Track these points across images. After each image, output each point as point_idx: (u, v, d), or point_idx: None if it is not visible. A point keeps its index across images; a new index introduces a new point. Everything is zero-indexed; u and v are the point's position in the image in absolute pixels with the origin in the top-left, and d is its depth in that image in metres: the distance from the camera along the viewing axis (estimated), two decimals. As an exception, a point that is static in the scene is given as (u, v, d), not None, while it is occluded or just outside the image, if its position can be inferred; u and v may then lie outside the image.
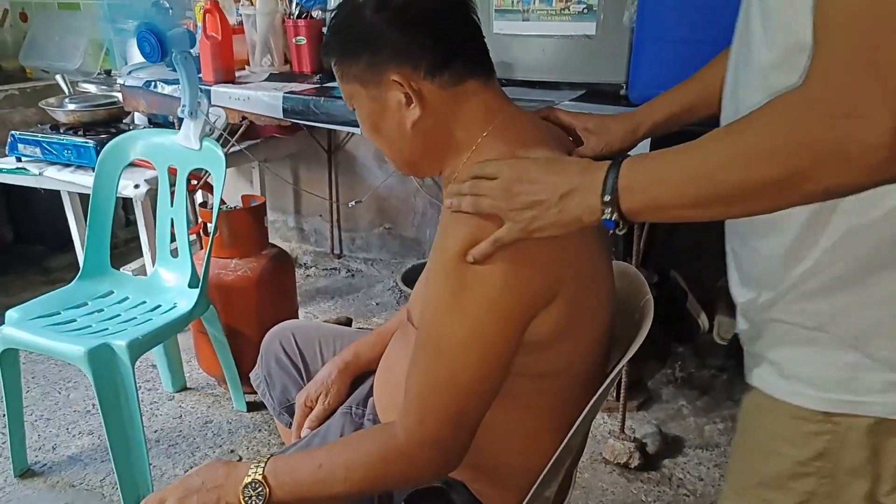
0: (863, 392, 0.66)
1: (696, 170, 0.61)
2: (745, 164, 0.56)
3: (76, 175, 2.11)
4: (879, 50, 0.48)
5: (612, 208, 0.65)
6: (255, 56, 2.18)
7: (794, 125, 0.53)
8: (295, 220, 3.16)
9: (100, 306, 1.77)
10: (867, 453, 0.67)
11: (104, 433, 1.56)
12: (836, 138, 0.50)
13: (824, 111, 0.51)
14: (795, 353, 0.70)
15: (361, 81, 0.85)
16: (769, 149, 0.54)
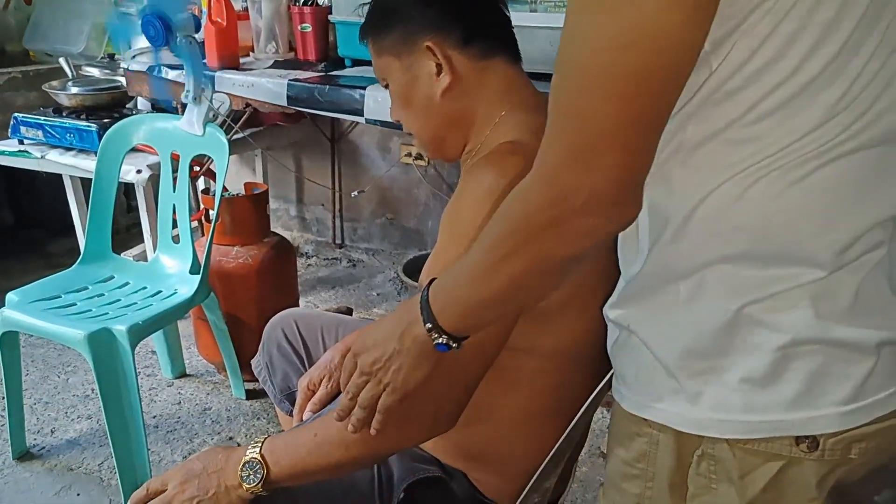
0: (657, 398, 0.65)
1: (474, 268, 0.63)
2: (507, 252, 0.60)
3: (78, 159, 2.10)
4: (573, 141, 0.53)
5: (437, 332, 0.67)
6: (259, 43, 2.17)
7: (526, 210, 0.58)
8: (297, 208, 3.15)
9: (100, 291, 1.77)
10: (675, 458, 0.65)
11: (103, 418, 1.56)
12: (555, 218, 0.55)
13: (546, 197, 0.55)
14: (620, 354, 0.71)
15: (395, 52, 0.89)
16: (510, 233, 0.60)
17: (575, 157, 0.53)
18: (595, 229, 0.56)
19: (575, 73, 0.53)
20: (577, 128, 0.53)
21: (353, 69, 2.00)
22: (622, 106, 0.51)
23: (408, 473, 0.92)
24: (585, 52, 0.52)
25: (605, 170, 0.52)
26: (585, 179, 0.53)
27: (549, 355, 0.86)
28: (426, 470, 0.93)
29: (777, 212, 0.58)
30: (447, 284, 0.67)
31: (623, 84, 0.50)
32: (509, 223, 0.60)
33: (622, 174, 0.53)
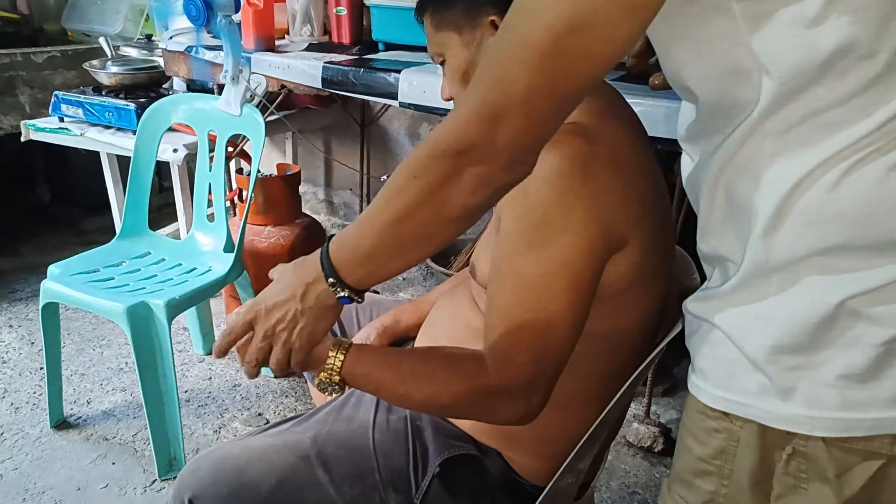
0: (742, 393, 0.63)
1: (377, 216, 0.66)
2: (409, 199, 0.63)
3: (116, 137, 2.14)
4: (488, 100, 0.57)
5: (339, 286, 0.69)
6: (294, 25, 2.19)
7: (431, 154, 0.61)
8: (325, 192, 3.17)
9: (137, 266, 1.80)
10: (758, 456, 0.64)
11: (137, 391, 1.60)
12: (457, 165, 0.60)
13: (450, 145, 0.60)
14: (701, 348, 0.68)
15: (456, 26, 0.88)
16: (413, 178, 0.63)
17: (485, 115, 0.57)
18: (490, 178, 0.60)
19: (512, 38, 0.56)
20: (496, 88, 0.57)
21: (387, 53, 2.01)
22: (539, 80, 0.55)
23: (443, 449, 0.94)
24: (531, 21, 0.55)
25: (508, 132, 0.57)
26: (489, 136, 0.57)
27: (602, 339, 0.86)
28: (461, 447, 0.94)
29: (880, 198, 0.55)
30: (348, 238, 0.69)
31: (546, 61, 0.54)
32: (416, 166, 0.63)
33: (522, 139, 0.58)
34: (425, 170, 0.62)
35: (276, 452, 0.94)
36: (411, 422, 0.96)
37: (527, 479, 0.95)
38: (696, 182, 0.67)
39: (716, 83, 0.60)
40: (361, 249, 0.67)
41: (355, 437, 0.96)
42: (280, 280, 0.75)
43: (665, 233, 0.86)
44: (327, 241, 0.71)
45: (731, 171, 0.61)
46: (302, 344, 0.74)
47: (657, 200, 0.86)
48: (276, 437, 0.97)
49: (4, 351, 2.17)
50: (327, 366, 0.78)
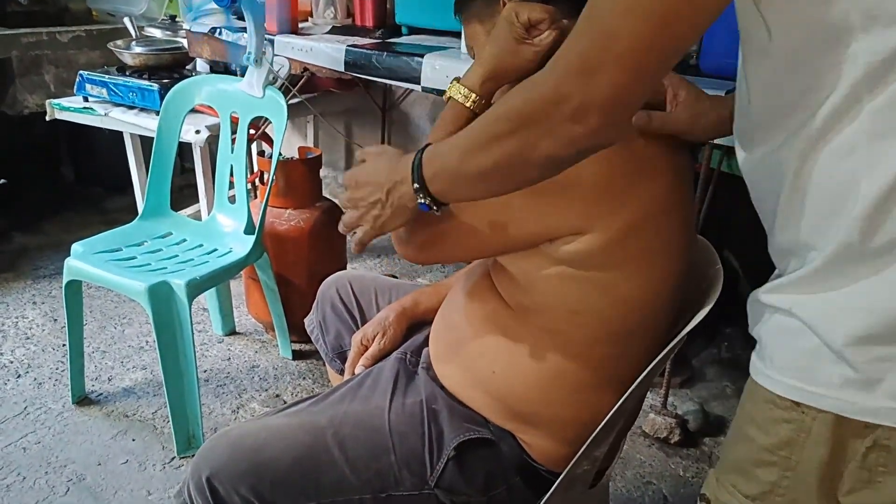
0: (820, 384, 0.62)
1: (466, 141, 0.69)
2: (487, 129, 0.67)
3: (140, 117, 2.15)
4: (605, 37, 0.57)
5: (422, 193, 0.74)
6: (318, 8, 2.18)
7: (525, 94, 0.64)
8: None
9: (159, 246, 1.82)
10: (829, 449, 0.62)
11: (157, 369, 1.62)
12: (546, 110, 0.61)
13: (549, 85, 0.61)
14: (775, 338, 0.66)
15: (479, 18, 0.91)
16: (503, 118, 0.66)
17: (582, 69, 0.58)
18: (578, 138, 0.61)
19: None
20: (595, 42, 0.57)
21: (410, 37, 2.00)
22: (644, 30, 0.55)
23: (458, 432, 0.94)
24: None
25: (605, 86, 0.57)
26: (584, 90, 0.58)
27: (605, 321, 0.86)
28: (476, 431, 0.94)
29: None
30: (442, 152, 0.73)
31: (651, 15, 0.54)
32: (508, 109, 0.65)
33: (620, 94, 0.58)
34: (518, 113, 0.64)
35: (292, 431, 0.95)
36: (427, 405, 0.97)
37: (542, 463, 0.95)
38: (769, 170, 0.65)
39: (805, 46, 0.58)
40: (449, 167, 0.72)
41: (371, 418, 0.96)
42: (375, 162, 0.81)
43: (671, 216, 0.85)
44: (422, 149, 0.75)
45: (821, 154, 0.58)
46: (372, 226, 0.81)
47: (672, 183, 0.85)
48: (293, 417, 0.98)
49: (28, 327, 2.20)
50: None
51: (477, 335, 0.94)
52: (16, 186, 2.83)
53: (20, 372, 1.98)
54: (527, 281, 0.88)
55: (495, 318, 0.92)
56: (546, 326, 0.88)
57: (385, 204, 0.79)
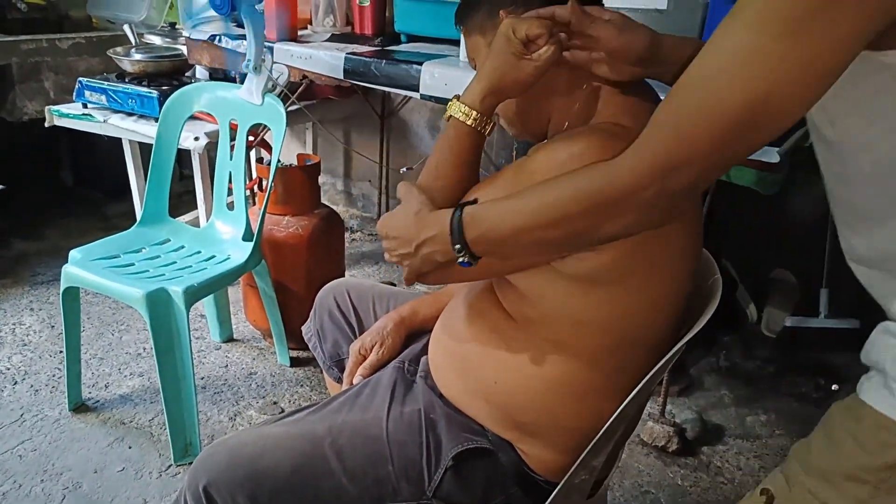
0: None
1: (526, 211, 0.74)
2: (552, 208, 0.72)
3: (139, 124, 2.15)
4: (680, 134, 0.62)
5: (464, 253, 0.78)
6: (317, 16, 2.19)
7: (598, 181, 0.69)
8: (344, 183, 3.18)
9: (157, 253, 1.82)
10: None
11: (154, 376, 1.62)
12: (619, 194, 0.67)
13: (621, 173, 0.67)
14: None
15: (481, 30, 0.91)
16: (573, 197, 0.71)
17: (671, 166, 0.63)
18: (645, 220, 0.68)
19: (708, 103, 0.61)
20: (681, 143, 0.62)
21: (409, 45, 2.01)
22: (724, 142, 0.60)
23: (456, 442, 0.94)
24: (725, 91, 0.59)
25: (683, 182, 0.63)
26: (663, 184, 0.64)
27: (612, 332, 0.86)
28: (474, 440, 0.94)
29: None
30: (490, 217, 0.77)
31: (736, 130, 0.60)
32: (584, 191, 0.69)
33: (689, 189, 0.65)
34: (593, 197, 0.69)
35: (290, 441, 0.94)
36: (425, 414, 0.96)
37: (540, 473, 0.95)
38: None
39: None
40: (500, 233, 0.76)
41: (369, 427, 0.96)
42: (405, 209, 0.84)
43: (681, 226, 0.85)
44: (460, 210, 0.79)
45: None
46: (408, 273, 0.86)
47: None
48: (291, 426, 0.97)
49: (25, 334, 2.20)
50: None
51: (479, 345, 0.94)
52: (15, 192, 2.83)
53: (17, 378, 1.97)
54: (532, 294, 0.88)
55: (498, 328, 0.92)
56: (550, 337, 0.88)
57: (414, 257, 0.83)
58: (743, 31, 0.58)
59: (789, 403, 2.00)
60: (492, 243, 0.78)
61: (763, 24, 0.57)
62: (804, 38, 0.56)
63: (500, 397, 0.93)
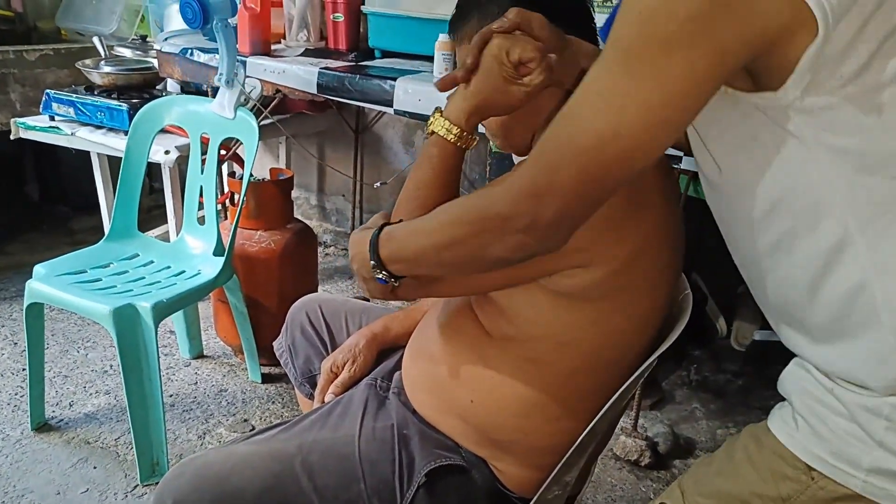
0: (848, 462, 0.66)
1: (424, 233, 0.77)
2: (444, 229, 0.74)
3: (108, 137, 2.12)
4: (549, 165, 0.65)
5: (379, 269, 0.81)
6: (291, 30, 2.18)
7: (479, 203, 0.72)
8: (317, 198, 3.16)
9: (125, 268, 1.79)
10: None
11: (121, 393, 1.58)
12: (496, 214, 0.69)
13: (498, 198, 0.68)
14: (807, 403, 0.70)
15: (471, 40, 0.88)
16: (455, 223, 0.73)
17: (533, 193, 0.65)
18: (528, 246, 0.69)
19: (564, 133, 0.63)
20: (546, 173, 0.64)
21: (383, 60, 2.01)
22: (581, 175, 0.63)
23: (429, 459, 0.93)
24: (582, 124, 0.62)
25: (550, 211, 0.65)
26: (534, 211, 0.65)
27: (592, 351, 0.86)
28: (447, 457, 0.93)
29: None
30: (397, 237, 0.80)
31: (589, 162, 0.62)
32: (469, 214, 0.72)
33: (560, 218, 0.66)
34: (476, 220, 0.71)
35: (260, 460, 0.93)
36: (398, 430, 0.96)
37: (513, 490, 0.95)
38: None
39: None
40: (405, 252, 0.79)
41: (341, 445, 0.95)
42: (356, 230, 0.88)
43: (667, 243, 0.86)
44: (379, 228, 0.81)
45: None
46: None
47: (668, 210, 0.86)
48: (260, 445, 0.96)
49: (-13, 351, 2.14)
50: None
51: (455, 363, 0.93)
52: (-23, 206, 2.76)
53: (-23, 398, 1.92)
54: (514, 311, 0.87)
55: (475, 346, 0.91)
56: (529, 356, 0.88)
57: (355, 270, 0.86)
58: (599, 65, 0.61)
59: (758, 416, 2.01)
60: (404, 262, 0.80)
61: (613, 60, 0.60)
62: (649, 74, 0.58)
63: (475, 416, 0.92)
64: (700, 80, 0.57)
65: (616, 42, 0.60)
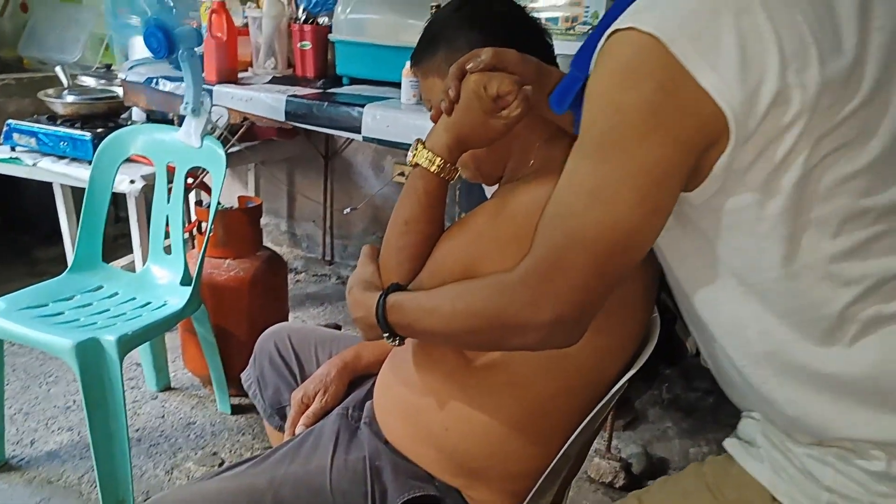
0: (810, 498, 0.69)
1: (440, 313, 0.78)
2: (462, 318, 0.76)
3: (71, 167, 2.09)
4: (558, 263, 0.67)
5: (391, 338, 0.85)
6: (258, 58, 2.18)
7: (497, 302, 0.72)
8: (287, 224, 3.14)
9: (89, 300, 1.75)
10: None
11: (84, 430, 1.53)
12: (517, 319, 0.70)
13: (517, 299, 0.70)
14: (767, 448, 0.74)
15: (439, 73, 0.91)
16: (473, 314, 0.75)
17: (554, 293, 0.67)
18: (547, 343, 0.71)
19: (569, 229, 0.66)
20: (562, 270, 0.67)
21: (351, 87, 2.02)
22: (595, 272, 0.66)
23: (402, 490, 0.92)
24: (581, 220, 0.65)
25: (570, 307, 0.68)
26: (556, 311, 0.68)
27: (575, 374, 0.87)
28: (421, 487, 0.92)
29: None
30: (409, 310, 0.81)
31: (600, 257, 0.65)
32: (487, 310, 0.73)
33: (581, 314, 0.68)
34: (495, 318, 0.72)
35: (230, 496, 0.91)
36: (370, 462, 0.94)
37: (487, 519, 0.94)
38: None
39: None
40: (418, 326, 0.82)
41: (312, 478, 0.93)
42: (356, 285, 0.89)
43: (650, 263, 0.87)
44: (384, 298, 0.83)
45: None
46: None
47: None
48: (230, 481, 0.94)
49: (-57, 388, 2.06)
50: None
51: (430, 391, 0.92)
52: (-66, 238, 2.68)
53: (-68, 438, 1.84)
54: None
55: (452, 372, 0.90)
56: (512, 380, 0.87)
57: (359, 329, 0.89)
58: (580, 159, 0.66)
59: (729, 434, 2.04)
60: (415, 334, 0.84)
61: (593, 153, 0.65)
62: (629, 162, 0.63)
63: (449, 444, 0.91)
64: (672, 166, 0.62)
65: (592, 135, 0.65)
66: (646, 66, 0.61)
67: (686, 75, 0.59)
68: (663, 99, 0.61)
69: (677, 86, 0.60)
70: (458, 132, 0.83)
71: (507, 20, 0.92)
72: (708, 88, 0.59)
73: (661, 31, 0.59)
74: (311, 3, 2.11)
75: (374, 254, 0.92)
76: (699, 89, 0.59)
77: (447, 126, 0.84)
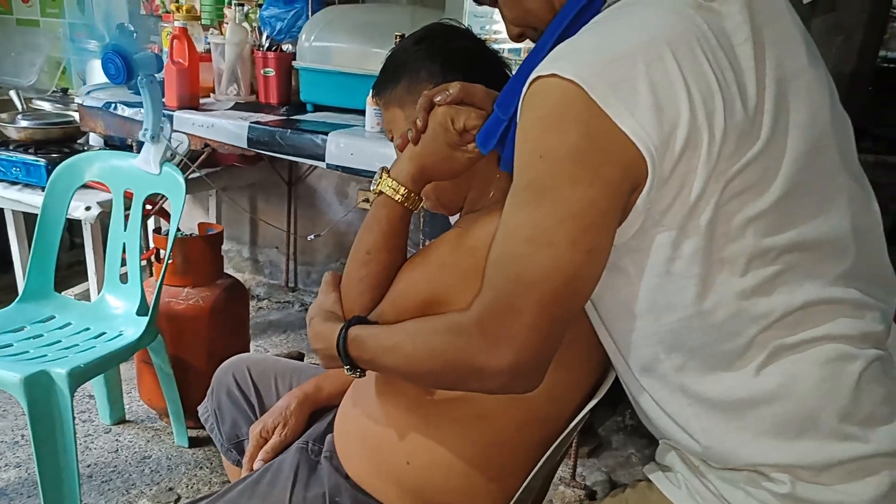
0: None
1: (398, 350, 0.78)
2: (422, 359, 0.76)
3: (23, 194, 2.03)
4: (508, 307, 0.67)
5: (352, 370, 0.84)
6: (221, 84, 2.17)
7: (454, 343, 0.72)
8: (250, 250, 3.10)
9: (40, 331, 1.69)
10: None
11: (33, 466, 1.47)
12: (474, 364, 0.70)
13: (474, 342, 0.70)
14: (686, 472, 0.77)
15: (400, 104, 0.92)
16: (432, 356, 0.74)
17: (508, 336, 0.67)
18: (506, 389, 0.71)
19: (514, 274, 0.67)
20: (512, 312, 0.67)
21: (314, 114, 2.02)
22: (544, 314, 0.66)
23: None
24: (523, 264, 0.66)
25: (527, 353, 0.68)
26: (513, 358, 0.68)
27: (546, 403, 0.86)
28: (379, 521, 0.90)
29: None
30: (370, 347, 0.81)
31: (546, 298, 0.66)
32: (446, 354, 0.72)
33: (536, 360, 0.69)
34: (454, 363, 0.72)
35: (184, 537, 0.87)
36: (330, 499, 0.92)
37: (450, 555, 0.92)
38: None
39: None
40: (379, 362, 0.81)
41: (270, 515, 0.90)
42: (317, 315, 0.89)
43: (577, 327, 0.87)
44: (345, 332, 0.82)
45: None
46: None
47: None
48: (183, 520, 0.90)
49: None
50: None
51: (392, 424, 0.90)
52: None
53: None
54: None
55: (415, 403, 0.89)
56: (478, 412, 0.86)
57: (320, 358, 0.89)
58: (516, 207, 0.68)
59: (693, 458, 2.05)
60: (378, 369, 0.84)
61: (528, 201, 0.67)
62: (562, 207, 0.64)
63: (412, 478, 0.90)
64: (604, 207, 0.64)
65: (524, 182, 0.67)
66: (570, 113, 0.63)
67: (608, 121, 0.62)
68: (589, 144, 0.63)
69: (600, 131, 0.62)
70: (422, 163, 0.84)
71: (466, 54, 0.94)
72: (628, 133, 0.62)
73: (582, 79, 0.62)
74: (274, 31, 2.11)
75: (335, 281, 0.91)
76: (621, 134, 0.62)
77: (412, 156, 0.84)
